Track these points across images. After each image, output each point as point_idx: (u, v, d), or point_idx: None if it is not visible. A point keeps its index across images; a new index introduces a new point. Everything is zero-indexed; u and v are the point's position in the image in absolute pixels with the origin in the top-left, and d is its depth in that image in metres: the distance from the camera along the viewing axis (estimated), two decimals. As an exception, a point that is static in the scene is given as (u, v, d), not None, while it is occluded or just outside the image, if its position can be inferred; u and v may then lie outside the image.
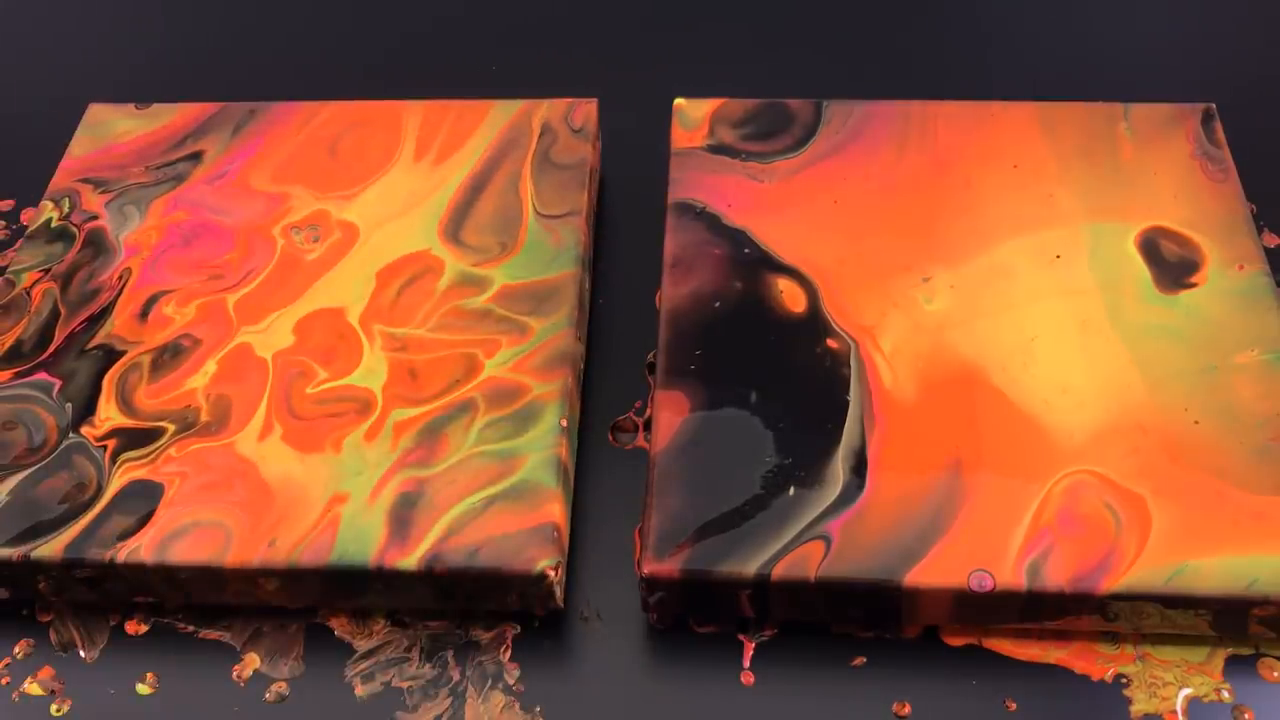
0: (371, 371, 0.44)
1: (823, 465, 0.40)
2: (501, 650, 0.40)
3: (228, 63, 0.62)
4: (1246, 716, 0.38)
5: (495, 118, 0.52)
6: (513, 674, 0.40)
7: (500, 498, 0.40)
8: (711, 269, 0.46)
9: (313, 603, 0.41)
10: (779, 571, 0.38)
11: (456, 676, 0.40)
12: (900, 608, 0.39)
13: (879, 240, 0.47)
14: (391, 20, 0.64)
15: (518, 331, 0.45)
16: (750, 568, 0.38)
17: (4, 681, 0.40)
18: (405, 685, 0.40)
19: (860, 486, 0.40)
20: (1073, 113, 0.50)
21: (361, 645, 0.41)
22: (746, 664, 0.40)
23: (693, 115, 0.51)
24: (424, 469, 0.41)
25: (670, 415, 0.42)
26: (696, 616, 0.41)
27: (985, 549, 0.38)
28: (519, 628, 0.41)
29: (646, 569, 0.39)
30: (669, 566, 0.39)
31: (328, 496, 0.40)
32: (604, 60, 0.61)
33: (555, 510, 0.40)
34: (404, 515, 0.40)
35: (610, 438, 0.46)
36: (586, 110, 0.52)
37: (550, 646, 0.41)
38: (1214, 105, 0.51)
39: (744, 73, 0.60)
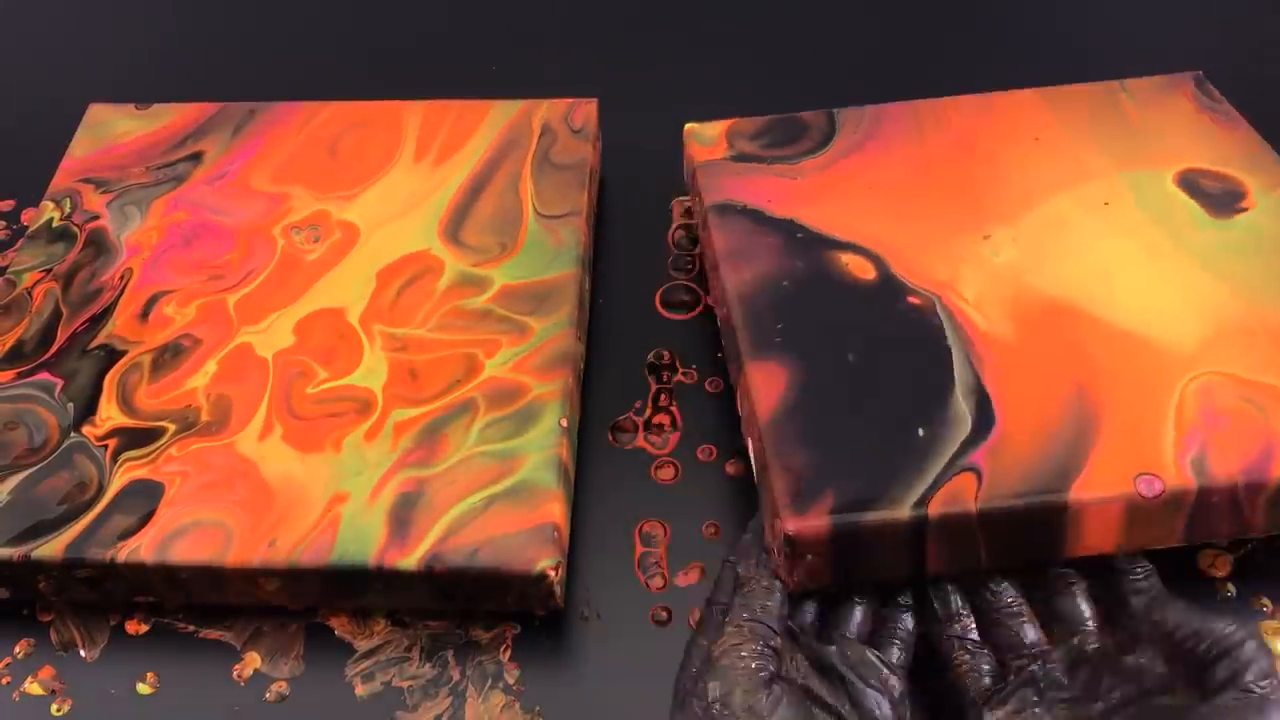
0: (371, 371, 0.44)
1: (944, 404, 0.39)
2: (501, 650, 0.40)
3: (228, 63, 0.63)
4: None
5: (495, 118, 0.52)
6: (513, 674, 0.40)
7: (500, 498, 0.40)
8: (769, 255, 0.45)
9: (313, 603, 0.41)
10: (936, 507, 0.36)
11: (456, 676, 0.40)
12: (1065, 531, 0.37)
13: (926, 212, 0.46)
14: (392, 20, 0.64)
15: (518, 331, 0.45)
16: (904, 508, 0.36)
17: (4, 681, 0.40)
18: (405, 685, 0.40)
19: (990, 419, 0.39)
20: (1073, 93, 0.51)
21: (362, 645, 0.41)
22: (746, 664, 0.40)
23: (707, 135, 0.50)
24: (424, 469, 0.41)
25: (767, 382, 0.40)
26: (842, 578, 0.38)
27: (1141, 454, 0.37)
28: (519, 628, 0.41)
29: (790, 527, 0.36)
30: (815, 522, 0.36)
31: (328, 496, 0.41)
32: (604, 60, 0.61)
33: (555, 510, 0.40)
34: (404, 515, 0.40)
35: (610, 438, 0.46)
36: (586, 110, 0.52)
37: (550, 646, 0.41)
38: (1202, 71, 0.52)
39: (745, 72, 0.60)
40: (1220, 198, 0.46)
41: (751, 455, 0.40)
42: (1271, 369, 0.40)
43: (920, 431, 0.38)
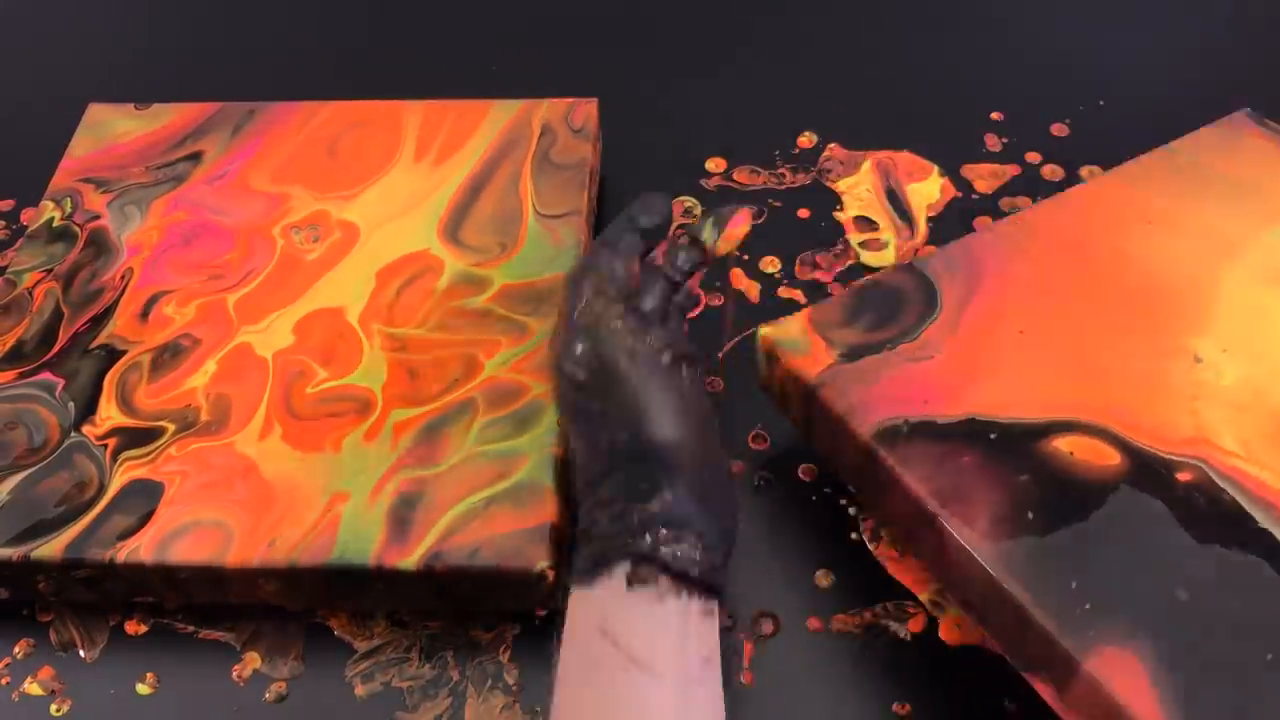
0: (371, 371, 0.44)
1: None
2: (501, 650, 0.40)
3: (228, 63, 0.62)
4: None
5: (495, 118, 0.52)
6: (513, 674, 0.40)
7: (500, 498, 0.40)
8: (985, 483, 0.36)
9: (313, 603, 0.41)
10: None
11: (456, 676, 0.40)
12: None
13: (1107, 347, 0.39)
14: (392, 20, 0.64)
15: (518, 331, 0.45)
16: None
17: (4, 681, 0.40)
18: (405, 685, 0.40)
19: None
20: (1139, 169, 0.45)
21: (361, 645, 0.41)
22: (746, 664, 0.40)
23: (792, 337, 0.41)
24: (424, 469, 0.41)
25: (1127, 674, 0.31)
26: None
27: None
28: (519, 628, 0.41)
29: None
30: None
31: (328, 496, 0.40)
32: (604, 60, 0.61)
33: (554, 510, 0.40)
34: (404, 515, 0.40)
35: (610, 438, 0.46)
36: (586, 110, 0.52)
37: (550, 646, 0.41)
38: (1246, 107, 0.48)
39: (744, 70, 0.60)
40: None
41: None
42: None
43: None
